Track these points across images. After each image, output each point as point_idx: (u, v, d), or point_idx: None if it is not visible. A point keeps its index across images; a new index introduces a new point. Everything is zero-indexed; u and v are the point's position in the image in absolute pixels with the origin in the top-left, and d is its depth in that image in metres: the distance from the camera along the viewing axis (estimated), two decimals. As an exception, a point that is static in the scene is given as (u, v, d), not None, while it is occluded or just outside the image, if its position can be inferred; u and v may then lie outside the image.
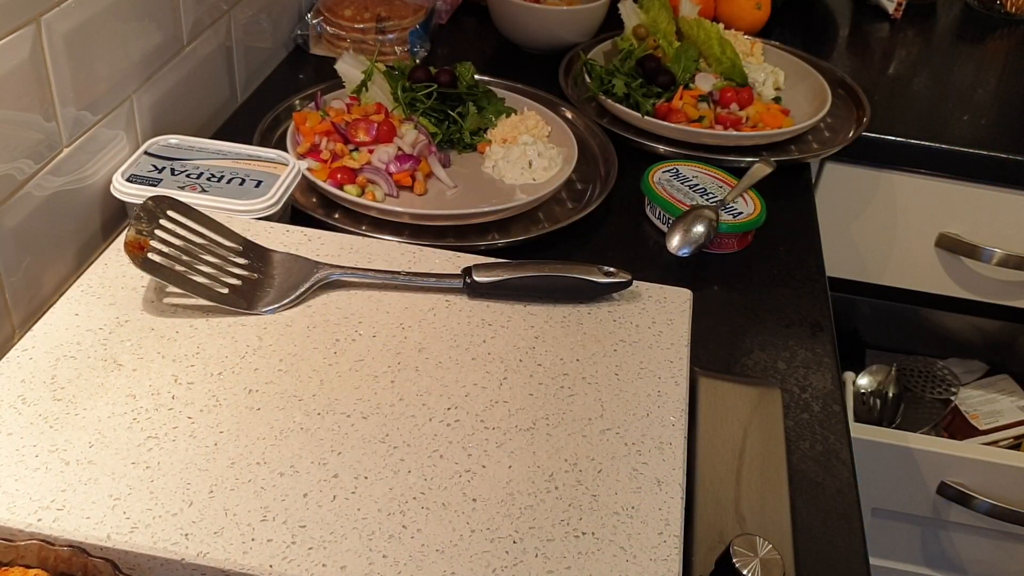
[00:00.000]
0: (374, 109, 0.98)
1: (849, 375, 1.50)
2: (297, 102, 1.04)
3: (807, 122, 1.09)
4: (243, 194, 0.79)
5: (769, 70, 1.20)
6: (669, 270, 0.90)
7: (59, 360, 0.60)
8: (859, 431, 1.21)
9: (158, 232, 0.66)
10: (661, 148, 1.06)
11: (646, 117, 1.06)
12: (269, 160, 0.84)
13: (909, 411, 1.48)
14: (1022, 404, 1.47)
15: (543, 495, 0.54)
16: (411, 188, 0.93)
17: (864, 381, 1.53)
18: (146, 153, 0.84)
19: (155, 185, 0.80)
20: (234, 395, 0.58)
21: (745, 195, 0.95)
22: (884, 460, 1.22)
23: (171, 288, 0.66)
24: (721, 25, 1.21)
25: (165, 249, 0.65)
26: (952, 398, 1.46)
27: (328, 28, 1.21)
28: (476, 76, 1.08)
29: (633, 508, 0.54)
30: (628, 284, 0.69)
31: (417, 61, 1.21)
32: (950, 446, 1.23)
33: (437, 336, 0.64)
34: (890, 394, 1.49)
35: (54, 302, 0.65)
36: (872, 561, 1.24)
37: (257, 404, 0.58)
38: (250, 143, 0.89)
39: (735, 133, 1.06)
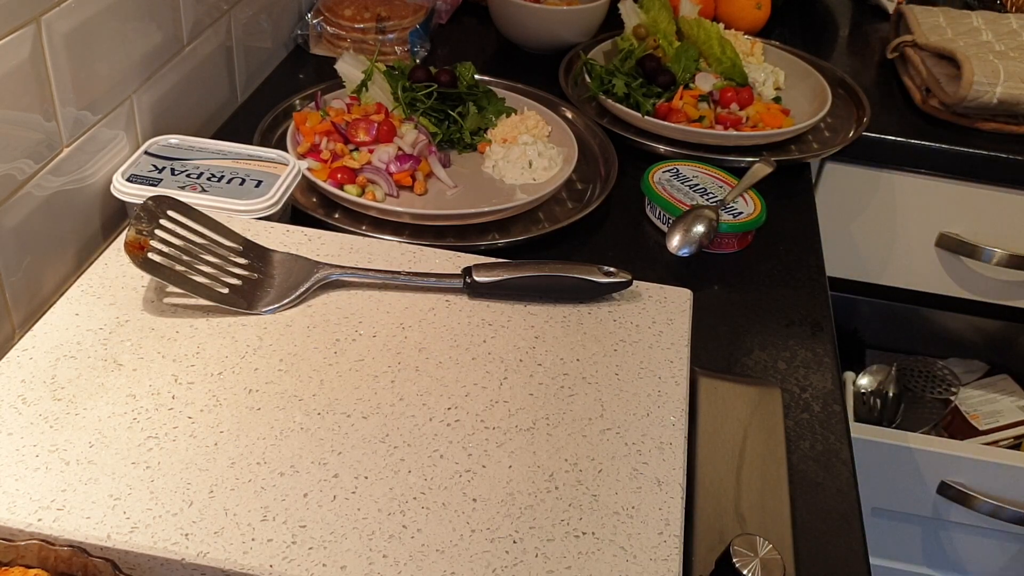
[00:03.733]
0: (374, 109, 0.99)
1: (849, 375, 1.51)
2: (297, 102, 1.04)
3: (807, 122, 1.09)
4: (243, 194, 0.79)
5: (769, 70, 1.20)
6: (669, 270, 0.90)
7: (59, 360, 0.60)
8: (859, 431, 1.21)
9: (158, 232, 0.66)
10: (661, 148, 1.06)
11: (646, 117, 1.06)
12: (269, 160, 0.84)
13: (909, 411, 1.48)
14: (1022, 404, 1.48)
15: (543, 495, 0.54)
16: (411, 188, 0.93)
17: (864, 381, 1.53)
18: (146, 153, 0.84)
19: (155, 185, 0.80)
20: (234, 395, 0.58)
21: (745, 195, 0.95)
22: (884, 460, 1.22)
23: (171, 288, 0.66)
24: (721, 25, 1.21)
25: (165, 249, 0.65)
26: (952, 398, 1.46)
27: (328, 28, 1.21)
28: (476, 76, 1.08)
29: (633, 508, 0.54)
30: (628, 284, 0.69)
31: (417, 61, 1.21)
32: (950, 446, 1.23)
33: (437, 336, 0.65)
34: (890, 394, 1.49)
35: (54, 302, 0.65)
36: (872, 561, 1.25)
37: (257, 404, 0.58)
38: (250, 143, 0.89)
39: (735, 133, 1.06)
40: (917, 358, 1.54)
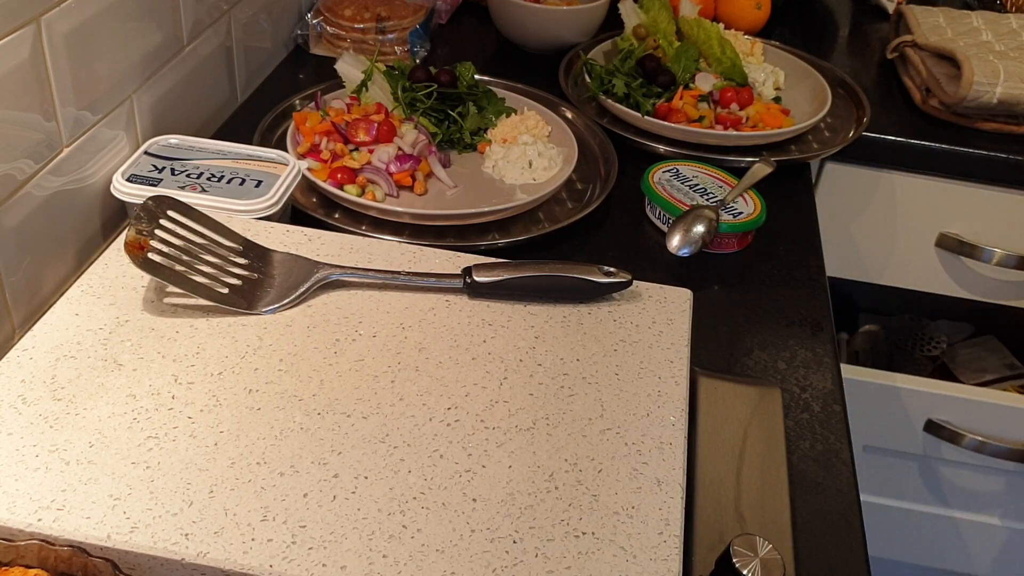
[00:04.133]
0: (374, 109, 0.99)
1: (843, 335, 1.53)
2: (297, 102, 1.04)
3: (807, 122, 1.09)
4: (243, 194, 0.79)
5: (769, 70, 1.20)
6: (669, 270, 0.90)
7: (59, 360, 0.60)
8: (848, 372, 1.26)
9: (158, 232, 0.66)
10: (661, 148, 1.06)
11: (646, 117, 1.06)
12: (269, 160, 0.84)
13: (899, 368, 1.52)
14: (1007, 361, 1.51)
15: (543, 495, 0.54)
16: (411, 188, 0.93)
17: (856, 340, 1.55)
18: (146, 153, 0.84)
19: (155, 185, 0.80)
20: (234, 395, 0.58)
21: (745, 195, 0.95)
22: (873, 399, 1.27)
23: (171, 288, 0.66)
24: (721, 25, 1.21)
25: (165, 249, 0.65)
26: (940, 355, 1.48)
27: (328, 28, 1.21)
28: (476, 76, 1.08)
29: (633, 508, 0.54)
30: (628, 284, 0.69)
31: (417, 61, 1.21)
32: (934, 385, 1.28)
33: (437, 336, 0.65)
34: (881, 352, 1.51)
35: (54, 302, 0.65)
36: (864, 498, 1.30)
37: (257, 404, 0.58)
38: (250, 143, 0.89)
39: (735, 133, 1.06)
40: (907, 318, 1.56)
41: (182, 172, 0.81)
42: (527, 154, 0.97)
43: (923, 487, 1.36)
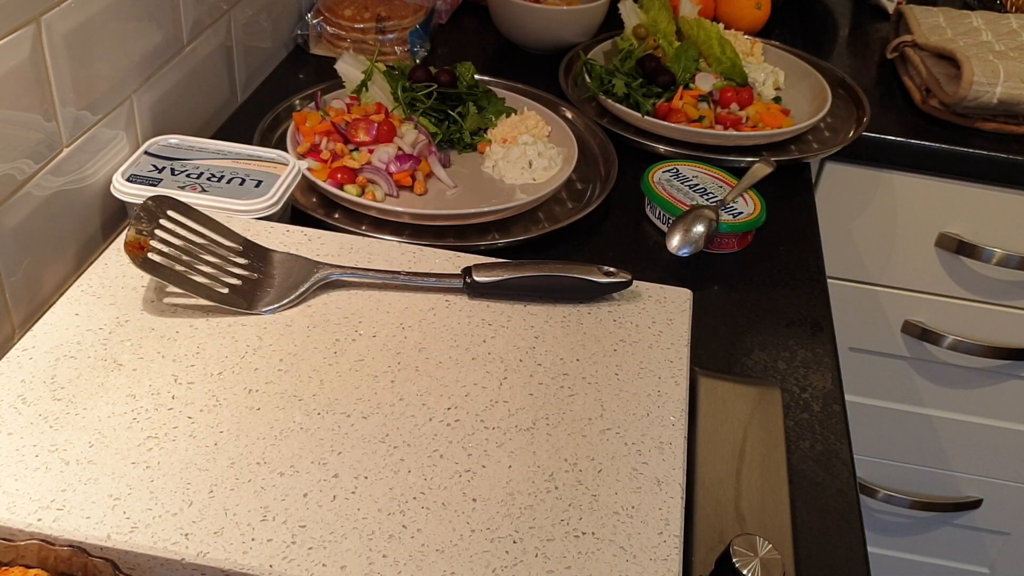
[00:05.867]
0: (374, 109, 0.99)
1: None
2: (297, 102, 1.04)
3: (807, 122, 1.09)
4: (243, 194, 0.79)
5: (769, 70, 1.20)
6: (669, 270, 0.90)
7: (59, 360, 0.60)
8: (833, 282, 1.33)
9: (158, 232, 0.66)
10: (661, 148, 1.06)
11: (646, 117, 1.06)
12: (269, 160, 0.84)
13: None
14: None
15: (543, 495, 0.54)
16: (411, 188, 0.93)
17: None
18: (146, 153, 0.84)
19: (155, 185, 0.80)
20: (234, 395, 0.58)
21: (745, 195, 0.95)
22: (854, 302, 1.34)
23: (171, 288, 0.66)
24: (721, 25, 1.21)
25: (165, 249, 0.65)
26: None
27: (328, 28, 1.21)
28: (476, 76, 1.08)
29: (633, 508, 0.54)
30: (628, 284, 0.69)
31: (417, 61, 1.21)
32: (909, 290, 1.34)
33: (437, 336, 0.65)
34: None
35: (54, 302, 0.65)
36: (849, 398, 1.37)
37: (257, 404, 0.58)
38: (250, 143, 0.89)
39: (735, 133, 1.06)
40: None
41: (182, 172, 0.81)
42: (527, 154, 0.97)
43: (905, 387, 1.42)
